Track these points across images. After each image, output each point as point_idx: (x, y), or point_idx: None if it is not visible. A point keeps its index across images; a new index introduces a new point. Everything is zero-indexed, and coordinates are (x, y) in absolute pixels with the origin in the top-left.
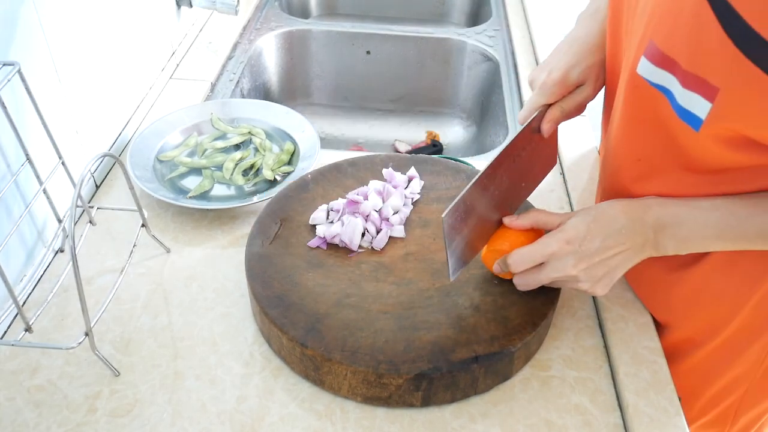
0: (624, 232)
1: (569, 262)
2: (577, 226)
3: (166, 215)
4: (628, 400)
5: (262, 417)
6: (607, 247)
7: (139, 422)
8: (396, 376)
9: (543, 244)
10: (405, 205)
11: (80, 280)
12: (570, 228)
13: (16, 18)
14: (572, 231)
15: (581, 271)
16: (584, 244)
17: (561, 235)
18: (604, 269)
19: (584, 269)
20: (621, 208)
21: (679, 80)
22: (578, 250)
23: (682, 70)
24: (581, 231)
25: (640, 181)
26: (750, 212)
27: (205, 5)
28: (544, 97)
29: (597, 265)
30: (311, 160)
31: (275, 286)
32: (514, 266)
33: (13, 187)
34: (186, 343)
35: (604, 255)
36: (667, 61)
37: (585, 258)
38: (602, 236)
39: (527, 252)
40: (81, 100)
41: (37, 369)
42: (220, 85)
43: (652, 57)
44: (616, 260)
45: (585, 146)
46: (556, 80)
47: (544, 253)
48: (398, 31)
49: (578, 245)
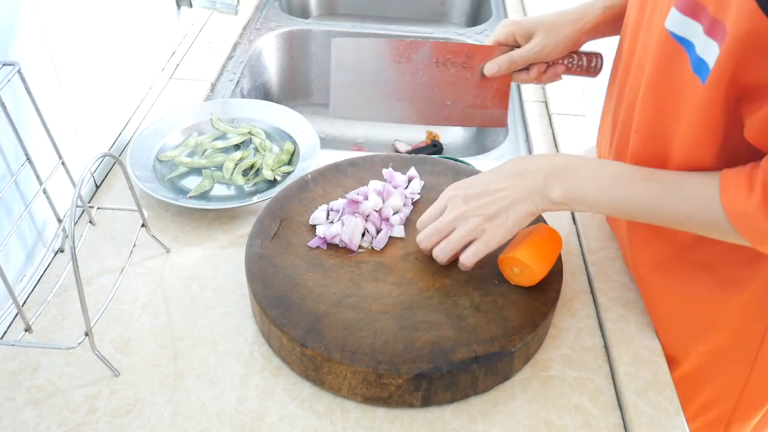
0: (513, 173)
1: (458, 201)
2: (470, 177)
3: (166, 215)
4: (628, 400)
5: (262, 417)
6: (494, 190)
7: (139, 422)
8: (396, 377)
9: (437, 200)
10: (405, 205)
11: (80, 280)
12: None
13: (16, 18)
14: (465, 180)
15: (471, 208)
16: (471, 188)
17: (456, 183)
18: (493, 207)
19: (474, 207)
20: (518, 158)
21: (704, 28)
22: (467, 191)
23: (709, 16)
24: (470, 179)
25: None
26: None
27: (205, 5)
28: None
29: (487, 204)
30: (311, 160)
31: (275, 286)
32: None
33: (13, 187)
34: (186, 343)
35: (493, 195)
36: (696, 8)
37: (473, 197)
38: (489, 179)
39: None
40: (81, 100)
41: (37, 369)
42: (220, 85)
43: (682, 6)
44: (505, 201)
45: (584, 146)
46: (512, 20)
47: (441, 202)
48: (398, 31)
49: (466, 188)
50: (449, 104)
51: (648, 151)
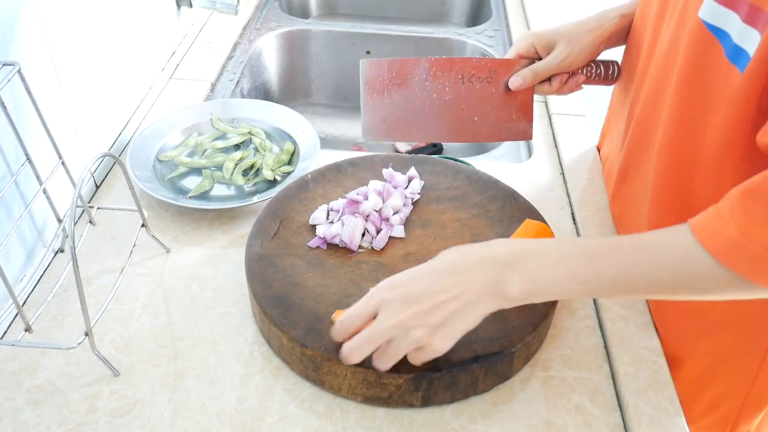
0: (459, 272)
1: (397, 307)
2: (408, 271)
3: (166, 215)
4: (628, 400)
5: (262, 417)
6: (439, 290)
7: (139, 422)
8: (396, 376)
9: (368, 295)
10: (405, 205)
11: (80, 280)
12: (400, 273)
13: (16, 18)
14: (400, 275)
15: (412, 316)
16: (411, 286)
17: (388, 279)
18: (439, 315)
19: (415, 314)
20: (462, 249)
21: (741, 16)
22: (405, 293)
23: (748, 3)
24: (409, 273)
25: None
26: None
27: (205, 5)
28: (517, 45)
29: (430, 311)
30: (311, 160)
31: (275, 286)
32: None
33: (13, 187)
34: (186, 343)
35: (437, 298)
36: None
37: (413, 301)
38: (433, 277)
39: (351, 309)
40: (81, 100)
41: (37, 369)
42: (220, 85)
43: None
44: (452, 305)
45: (584, 146)
46: (532, 32)
47: (371, 304)
48: (398, 31)
49: (404, 287)
50: (476, 120)
51: (677, 146)
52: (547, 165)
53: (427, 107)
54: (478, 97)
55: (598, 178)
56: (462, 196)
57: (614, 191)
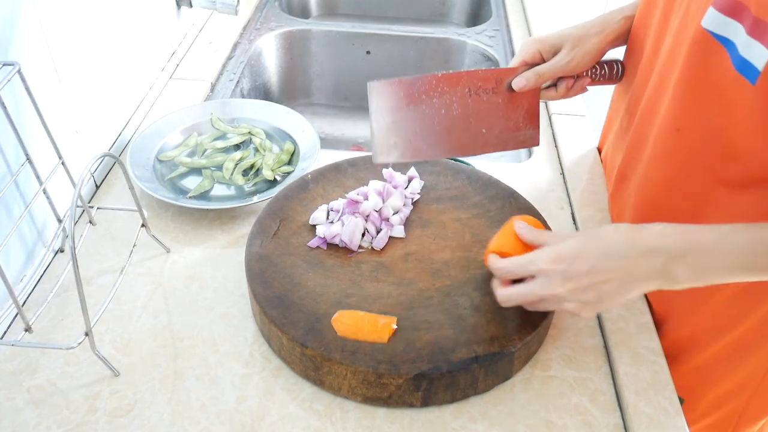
0: (624, 258)
1: (556, 281)
2: (571, 245)
3: (166, 215)
4: (628, 400)
5: (262, 417)
6: (600, 270)
7: (139, 422)
8: (396, 376)
9: (531, 259)
10: (405, 205)
11: (80, 280)
12: (563, 245)
13: (16, 18)
14: (564, 248)
15: (568, 291)
16: (574, 264)
17: (551, 251)
18: (593, 294)
19: (571, 290)
20: (627, 233)
21: (746, 28)
22: (567, 270)
23: (752, 17)
24: (574, 250)
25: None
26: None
27: (205, 5)
28: (522, 52)
29: (586, 289)
30: (311, 160)
31: (275, 286)
32: (499, 274)
33: (13, 187)
34: (186, 343)
35: (595, 278)
36: (737, 7)
37: (573, 278)
38: (596, 258)
39: (514, 263)
40: (81, 100)
41: (37, 369)
42: (220, 85)
43: (721, 6)
44: (608, 286)
45: (585, 146)
46: (536, 38)
47: (531, 268)
48: (398, 31)
49: (568, 264)
50: (484, 132)
51: (700, 151)
52: (547, 165)
53: (436, 124)
54: (485, 109)
55: (598, 178)
56: (462, 196)
57: (613, 191)
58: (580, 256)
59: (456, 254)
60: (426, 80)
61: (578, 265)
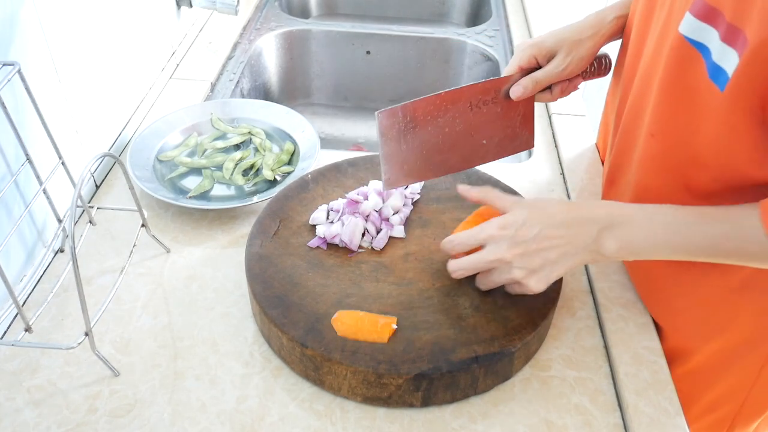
0: (565, 225)
1: (503, 246)
2: (518, 213)
3: (166, 215)
4: (628, 400)
5: (262, 417)
6: (545, 237)
7: (139, 422)
8: (396, 377)
9: (479, 228)
10: (405, 205)
11: (80, 280)
12: (510, 214)
13: (16, 18)
14: (511, 217)
15: (516, 256)
16: (521, 230)
17: (500, 220)
18: (539, 260)
19: (519, 255)
20: (568, 204)
21: (720, 34)
22: (514, 235)
23: (726, 23)
24: (520, 218)
25: (647, 160)
26: (698, 219)
27: (205, 5)
28: (517, 57)
29: (532, 254)
30: (311, 160)
31: (275, 286)
32: (450, 247)
33: (13, 187)
34: (186, 343)
35: (541, 244)
36: (712, 13)
37: (520, 244)
38: (541, 225)
39: (463, 235)
40: (81, 100)
41: (37, 369)
42: (220, 85)
43: (697, 11)
44: (553, 253)
45: (584, 146)
46: (529, 43)
47: (480, 237)
48: (398, 31)
49: (514, 230)
50: (485, 143)
51: (671, 157)
52: (547, 165)
53: (440, 143)
54: (485, 120)
55: (598, 178)
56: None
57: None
58: (527, 223)
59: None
60: (430, 101)
61: (525, 231)
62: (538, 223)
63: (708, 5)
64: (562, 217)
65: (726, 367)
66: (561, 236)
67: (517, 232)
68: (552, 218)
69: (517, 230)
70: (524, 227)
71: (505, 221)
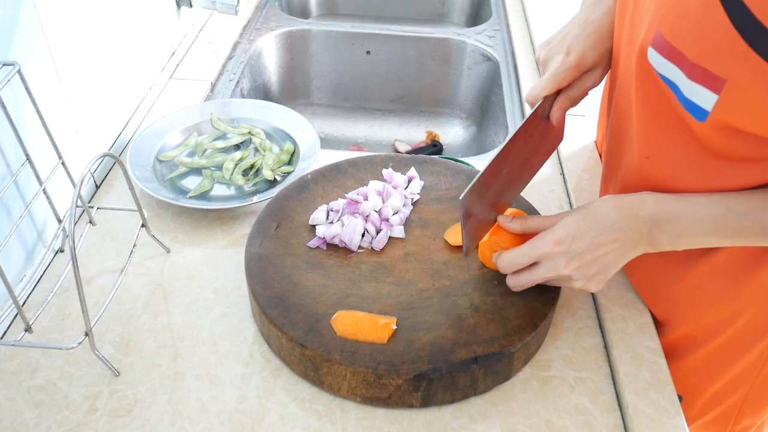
0: (615, 229)
1: (560, 263)
2: (567, 226)
3: (166, 215)
4: (628, 400)
5: (262, 417)
6: (599, 245)
7: (139, 422)
8: (395, 377)
9: (532, 246)
10: (405, 206)
11: (80, 280)
12: (560, 228)
13: (16, 18)
14: (562, 231)
15: (573, 270)
16: (574, 244)
17: (551, 236)
18: (596, 267)
19: (576, 268)
20: (613, 204)
21: (685, 72)
22: (568, 250)
23: (689, 62)
24: (571, 230)
25: (644, 169)
26: (749, 209)
27: (205, 5)
28: (557, 81)
29: (589, 264)
30: (311, 160)
31: (275, 286)
32: (503, 268)
33: (13, 187)
34: (186, 343)
35: (596, 253)
36: (674, 53)
37: (576, 257)
38: (593, 234)
39: (516, 254)
40: (81, 100)
41: (37, 369)
42: (220, 85)
43: (660, 48)
44: (608, 257)
45: (584, 145)
46: (572, 63)
47: (533, 255)
48: (398, 31)
49: (568, 245)
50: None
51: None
52: (547, 165)
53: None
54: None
55: (598, 179)
56: None
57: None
58: (578, 235)
59: (456, 255)
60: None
61: (578, 243)
62: (588, 232)
63: (669, 44)
64: (610, 221)
65: (732, 360)
66: (613, 240)
67: (571, 246)
68: (600, 223)
69: (571, 245)
70: (576, 240)
71: (558, 237)
